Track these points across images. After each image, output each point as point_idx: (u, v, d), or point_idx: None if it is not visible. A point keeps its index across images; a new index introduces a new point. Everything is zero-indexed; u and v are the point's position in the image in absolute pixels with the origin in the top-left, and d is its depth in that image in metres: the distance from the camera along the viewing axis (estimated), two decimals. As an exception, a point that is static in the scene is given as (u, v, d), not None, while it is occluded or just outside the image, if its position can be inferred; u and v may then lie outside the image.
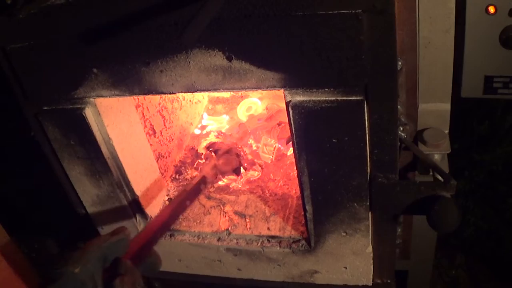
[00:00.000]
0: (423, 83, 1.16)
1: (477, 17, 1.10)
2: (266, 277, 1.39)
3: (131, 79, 1.07)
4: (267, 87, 1.00)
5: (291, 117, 1.02)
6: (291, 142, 1.49)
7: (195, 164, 1.61)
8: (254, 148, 1.61)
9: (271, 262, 1.33)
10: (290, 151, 1.58)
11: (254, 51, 0.96)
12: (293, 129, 1.04)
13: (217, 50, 0.97)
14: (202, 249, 1.37)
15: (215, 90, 1.04)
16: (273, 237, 1.32)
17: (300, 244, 1.29)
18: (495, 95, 1.23)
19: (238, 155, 1.56)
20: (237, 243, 1.34)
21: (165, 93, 1.07)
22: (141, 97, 1.40)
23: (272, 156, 1.54)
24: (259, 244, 1.32)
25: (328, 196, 1.14)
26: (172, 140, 1.61)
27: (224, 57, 0.98)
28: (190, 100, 1.77)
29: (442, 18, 1.09)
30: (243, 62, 0.98)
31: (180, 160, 1.65)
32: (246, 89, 1.02)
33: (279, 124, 1.63)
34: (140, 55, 1.03)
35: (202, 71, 1.01)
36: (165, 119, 1.55)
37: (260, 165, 1.54)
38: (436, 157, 1.19)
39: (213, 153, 1.59)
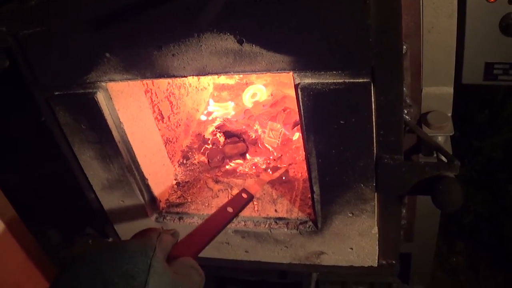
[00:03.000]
0: (426, 67, 1.18)
1: (478, 5, 1.13)
2: (273, 259, 1.42)
3: (143, 63, 1.09)
4: (277, 70, 1.03)
5: (300, 99, 1.05)
6: (296, 127, 1.53)
7: (202, 149, 1.64)
8: (260, 133, 1.63)
9: (278, 243, 1.36)
10: (296, 136, 1.62)
11: (264, 35, 0.99)
12: (302, 111, 1.07)
13: (228, 34, 1.00)
14: (210, 231, 1.39)
15: (226, 73, 1.07)
16: (280, 218, 1.35)
17: (307, 226, 1.32)
18: (496, 82, 1.26)
19: (244, 140, 1.59)
20: (245, 225, 1.37)
21: (176, 77, 1.10)
22: (149, 82, 1.43)
23: (278, 141, 1.57)
24: (266, 226, 1.35)
25: (335, 177, 1.17)
26: (179, 125, 1.64)
27: (235, 41, 1.00)
28: (196, 87, 1.80)
29: (445, 3, 1.11)
30: (253, 45, 1.00)
31: (187, 146, 1.68)
32: (256, 72, 1.05)
33: (284, 110, 1.65)
34: (152, 39, 1.05)
35: (214, 55, 1.03)
36: (172, 104, 1.58)
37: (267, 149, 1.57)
38: (440, 139, 1.22)
39: (220, 137, 1.62)
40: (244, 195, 1.24)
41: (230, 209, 1.15)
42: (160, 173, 1.45)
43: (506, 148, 2.23)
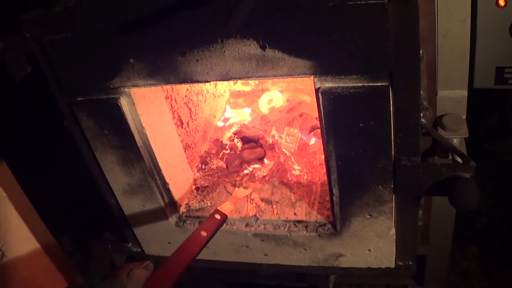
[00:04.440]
0: (441, 71, 1.21)
1: (488, 10, 1.16)
2: (292, 261, 1.44)
3: (167, 68, 1.13)
4: (298, 74, 1.06)
5: (320, 102, 1.08)
6: (313, 132, 1.56)
7: (220, 154, 1.67)
8: (277, 138, 1.66)
9: (298, 246, 1.39)
10: (312, 141, 1.64)
11: (287, 40, 1.02)
12: (322, 114, 1.10)
13: (251, 40, 1.03)
14: (230, 235, 1.42)
15: (249, 78, 1.10)
16: (299, 221, 1.37)
17: (326, 228, 1.34)
18: (507, 86, 1.29)
19: (262, 145, 1.62)
20: (264, 228, 1.39)
21: (200, 82, 1.13)
22: (169, 88, 1.46)
23: (295, 146, 1.59)
24: (286, 228, 1.37)
25: (355, 179, 1.19)
26: (198, 131, 1.67)
27: (258, 46, 1.04)
28: (213, 94, 1.83)
29: (459, 8, 1.15)
30: (276, 50, 1.03)
31: (205, 151, 1.71)
32: (278, 76, 1.08)
33: (300, 116, 1.68)
34: (177, 46, 1.08)
35: (237, 60, 1.07)
36: (191, 111, 1.61)
37: (284, 154, 1.60)
38: (455, 141, 1.24)
39: (238, 143, 1.64)
40: (218, 216, 1.25)
41: (204, 233, 1.16)
42: (180, 177, 1.48)
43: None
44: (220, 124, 1.85)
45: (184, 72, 1.12)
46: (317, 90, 1.08)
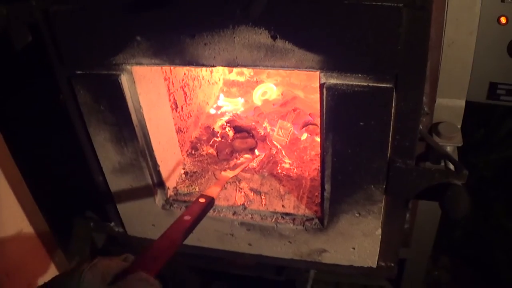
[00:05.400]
0: (442, 79, 1.22)
1: (489, 26, 1.18)
2: (275, 253, 1.45)
3: (173, 49, 1.12)
4: (306, 68, 1.07)
5: (324, 98, 1.09)
6: (305, 128, 1.57)
7: (211, 141, 1.67)
8: (269, 130, 1.67)
9: (283, 238, 1.40)
10: (304, 136, 1.65)
11: (299, 33, 1.02)
12: (324, 110, 1.11)
13: (263, 29, 1.03)
14: (216, 222, 1.42)
15: (255, 66, 1.10)
16: (287, 214, 1.38)
17: (313, 223, 1.35)
18: (498, 101, 1.31)
19: (253, 136, 1.62)
20: (252, 218, 1.40)
21: (205, 66, 1.13)
22: (168, 71, 1.46)
23: (287, 139, 1.60)
24: (273, 220, 1.38)
25: (348, 177, 1.21)
26: (191, 116, 1.67)
27: (269, 36, 1.04)
28: (208, 81, 1.83)
29: (467, 21, 1.16)
30: (286, 42, 1.04)
31: (196, 137, 1.71)
32: (285, 68, 1.08)
33: (294, 110, 1.69)
34: (187, 27, 1.08)
35: (246, 47, 1.07)
36: (186, 95, 1.61)
37: (275, 147, 1.60)
38: (449, 149, 1.26)
39: (230, 131, 1.65)
40: (202, 200, 1.23)
41: (187, 217, 1.13)
42: (170, 161, 1.48)
43: (498, 167, 2.29)
44: (213, 111, 1.85)
45: (191, 55, 1.12)
46: (321, 85, 1.08)
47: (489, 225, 2.32)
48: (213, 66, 1.13)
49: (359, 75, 1.05)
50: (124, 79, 1.22)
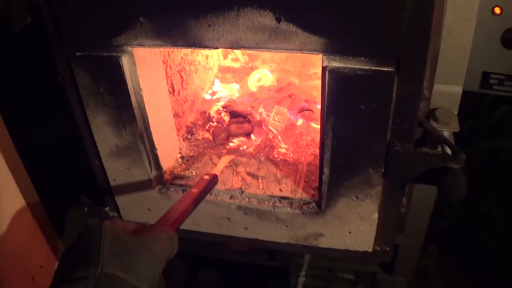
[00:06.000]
0: (441, 66, 1.24)
1: (483, 16, 1.21)
2: (271, 237, 1.46)
3: (176, 30, 1.12)
4: (309, 50, 1.07)
5: (326, 81, 1.09)
6: (301, 113, 1.58)
7: (207, 126, 1.68)
8: (265, 116, 1.68)
9: (279, 222, 1.41)
10: (300, 122, 1.66)
11: (303, 15, 1.03)
12: (326, 93, 1.12)
13: (268, 11, 1.04)
14: (213, 205, 1.43)
15: (259, 48, 1.10)
16: (284, 198, 1.39)
17: (311, 206, 1.36)
18: (490, 91, 1.34)
19: (249, 121, 1.63)
20: (249, 201, 1.41)
21: (208, 48, 1.13)
22: (166, 54, 1.45)
23: (283, 125, 1.61)
24: (270, 203, 1.39)
25: (347, 160, 1.22)
26: (187, 101, 1.67)
27: (274, 18, 1.04)
28: (204, 66, 1.83)
29: (467, 8, 1.18)
30: (291, 24, 1.04)
31: (191, 122, 1.71)
32: (288, 50, 1.09)
33: (289, 96, 1.70)
34: (191, 8, 1.08)
35: (250, 29, 1.07)
36: (183, 79, 1.61)
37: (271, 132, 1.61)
38: (445, 134, 1.28)
39: (225, 116, 1.65)
40: (206, 177, 1.27)
41: (194, 190, 1.19)
42: (167, 144, 1.48)
43: (487, 157, 2.32)
44: (208, 97, 1.85)
45: (194, 36, 1.12)
46: (324, 69, 1.09)
47: (478, 214, 2.35)
48: (216, 48, 1.13)
49: (362, 58, 1.06)
50: (125, 61, 1.21)
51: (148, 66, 1.30)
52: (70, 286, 0.76)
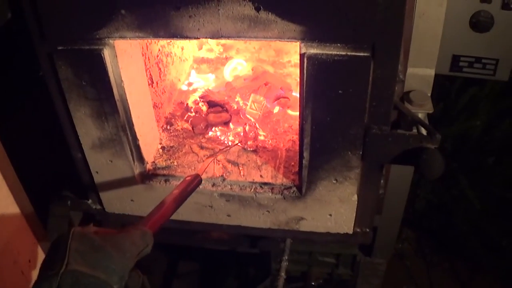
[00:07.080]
0: (413, 49, 1.28)
1: (453, 0, 1.24)
2: (254, 223, 1.49)
3: (158, 22, 1.14)
4: (288, 38, 1.11)
5: (304, 67, 1.13)
6: (277, 101, 1.61)
7: (185, 116, 1.70)
8: (242, 105, 1.71)
9: (261, 208, 1.44)
10: (276, 109, 1.70)
11: (281, 4, 1.07)
12: (304, 79, 1.15)
13: (247, 0, 1.07)
14: (195, 194, 1.42)
15: (239, 38, 1.13)
16: (265, 183, 1.43)
17: (292, 191, 1.40)
18: (460, 73, 1.39)
19: (227, 110, 1.66)
20: (231, 188, 1.44)
21: (189, 38, 1.16)
22: (144, 46, 1.47)
23: (260, 113, 1.64)
24: (252, 190, 1.42)
25: (326, 144, 1.26)
26: (165, 92, 1.69)
27: (253, 7, 1.07)
28: (180, 57, 1.85)
29: (437, -8, 1.22)
30: (269, 13, 1.08)
31: (170, 113, 1.73)
32: (267, 39, 1.12)
33: (265, 84, 1.74)
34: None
35: (230, 19, 1.10)
36: (160, 71, 1.63)
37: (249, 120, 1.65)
38: (420, 115, 1.33)
39: (203, 106, 1.68)
40: (188, 178, 1.29)
41: (176, 191, 1.21)
42: (149, 135, 1.50)
43: (456, 139, 2.39)
44: (184, 88, 1.87)
45: (175, 27, 1.14)
46: (302, 55, 1.13)
47: (451, 196, 2.42)
48: (197, 38, 1.16)
49: (338, 44, 1.10)
50: (106, 54, 1.22)
51: (129, 58, 1.31)
52: (38, 286, 0.82)
